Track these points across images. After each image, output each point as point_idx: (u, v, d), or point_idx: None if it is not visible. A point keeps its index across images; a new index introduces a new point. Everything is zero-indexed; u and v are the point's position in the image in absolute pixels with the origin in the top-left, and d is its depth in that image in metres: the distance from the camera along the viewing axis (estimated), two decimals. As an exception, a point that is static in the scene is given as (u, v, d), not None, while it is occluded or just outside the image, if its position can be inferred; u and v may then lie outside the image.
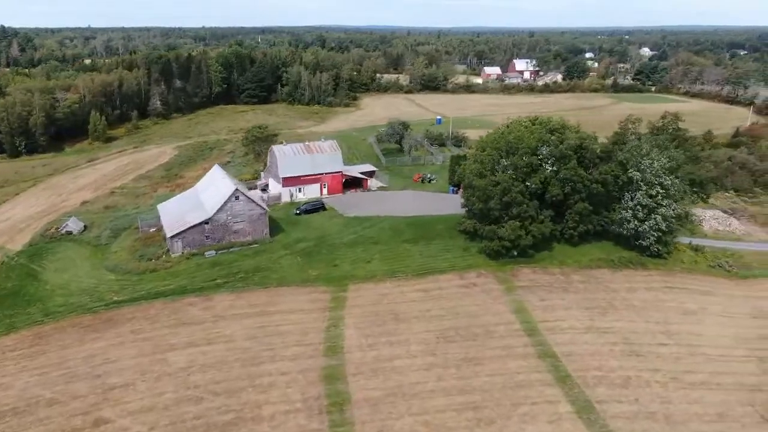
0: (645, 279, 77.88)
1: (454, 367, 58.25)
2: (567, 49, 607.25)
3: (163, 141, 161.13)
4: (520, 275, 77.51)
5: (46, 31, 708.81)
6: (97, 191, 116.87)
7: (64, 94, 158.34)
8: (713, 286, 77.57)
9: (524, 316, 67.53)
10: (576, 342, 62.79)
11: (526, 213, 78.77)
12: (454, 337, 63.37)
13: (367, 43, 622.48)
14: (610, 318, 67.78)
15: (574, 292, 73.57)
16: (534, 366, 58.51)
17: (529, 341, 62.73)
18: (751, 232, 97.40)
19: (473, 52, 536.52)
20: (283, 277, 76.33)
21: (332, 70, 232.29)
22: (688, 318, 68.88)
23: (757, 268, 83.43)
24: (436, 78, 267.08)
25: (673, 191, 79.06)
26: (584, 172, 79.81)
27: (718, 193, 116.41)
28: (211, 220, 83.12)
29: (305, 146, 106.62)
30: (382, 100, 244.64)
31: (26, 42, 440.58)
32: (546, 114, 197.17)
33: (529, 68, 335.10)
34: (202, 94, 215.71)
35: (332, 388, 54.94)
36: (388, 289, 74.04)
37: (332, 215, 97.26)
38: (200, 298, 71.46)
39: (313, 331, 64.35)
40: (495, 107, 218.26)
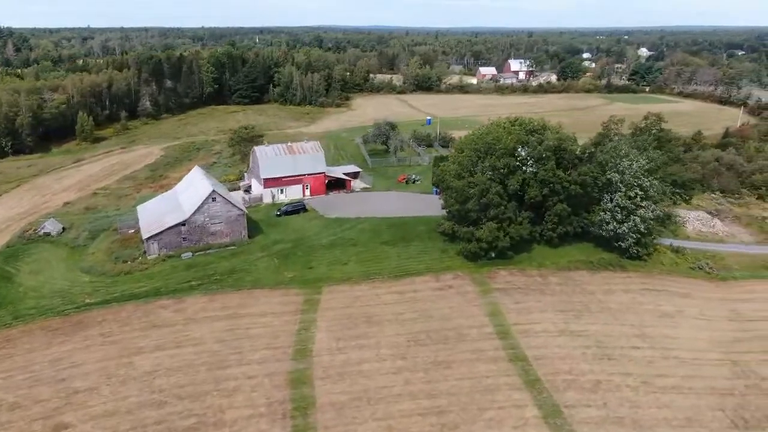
0: (623, 281, 77.28)
1: (422, 370, 57.66)
2: (564, 49, 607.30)
3: (152, 141, 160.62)
4: (497, 277, 76.91)
5: (45, 32, 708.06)
6: (81, 192, 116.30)
7: (52, 95, 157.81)
8: (692, 288, 76.99)
9: (498, 319, 66.94)
10: (548, 345, 62.18)
11: (503, 214, 78.25)
12: (425, 341, 62.78)
13: (364, 44, 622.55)
14: (585, 321, 67.18)
15: (551, 295, 72.97)
16: (504, 370, 57.92)
17: (501, 344, 62.12)
18: (735, 233, 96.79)
19: (470, 52, 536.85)
20: (257, 279, 75.76)
21: (324, 71, 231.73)
22: (663, 321, 68.29)
23: (737, 270, 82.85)
24: (430, 78, 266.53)
25: (652, 193, 78.47)
26: (563, 174, 79.26)
27: (704, 195, 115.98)
28: (187, 221, 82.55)
29: (287, 147, 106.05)
30: (375, 100, 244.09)
31: (21, 42, 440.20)
32: (539, 114, 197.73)
33: (523, 68, 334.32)
34: (194, 94, 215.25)
35: (298, 393, 54.35)
36: (363, 291, 73.46)
37: (313, 216, 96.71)
38: (173, 300, 70.86)
39: (284, 334, 63.78)
40: (487, 108, 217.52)
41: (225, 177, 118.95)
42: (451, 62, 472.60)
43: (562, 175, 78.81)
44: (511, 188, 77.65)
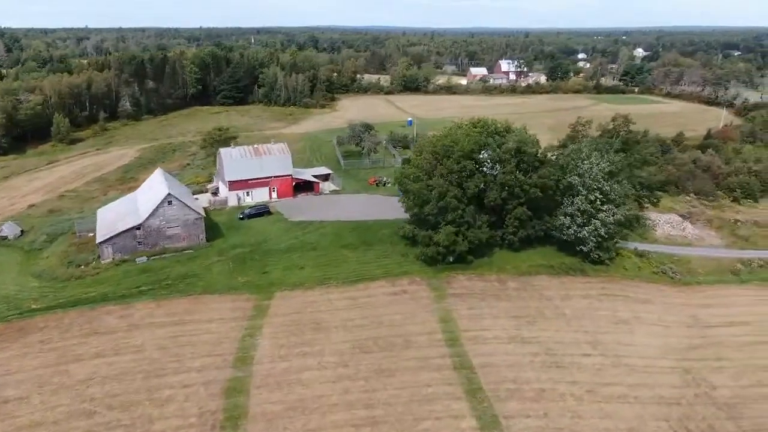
0: (583, 286, 75.96)
1: (363, 379, 56.35)
2: (560, 49, 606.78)
3: (129, 143, 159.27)
4: (454, 282, 75.56)
5: (42, 32, 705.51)
6: (48, 195, 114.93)
7: (28, 96, 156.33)
8: (653, 293, 75.68)
9: (449, 326, 65.60)
10: (496, 353, 60.86)
11: (462, 218, 76.88)
12: (371, 348, 61.45)
13: (359, 44, 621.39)
14: (538, 327, 65.87)
15: (507, 300, 71.65)
16: (446, 378, 56.59)
17: (448, 352, 60.78)
18: (705, 236, 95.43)
19: (465, 52, 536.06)
20: (209, 285, 74.39)
21: (309, 71, 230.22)
22: (619, 327, 66.97)
23: (702, 274, 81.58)
24: (417, 79, 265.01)
25: (613, 196, 77.10)
26: (523, 177, 77.91)
27: (679, 197, 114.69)
28: (142, 225, 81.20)
29: (254, 149, 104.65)
30: (361, 101, 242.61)
31: (13, 42, 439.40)
32: (523, 115, 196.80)
33: (511, 69, 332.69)
34: (177, 95, 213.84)
35: (232, 402, 53.04)
36: (316, 296, 72.12)
37: (276, 220, 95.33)
38: (120, 306, 69.48)
39: (227, 341, 62.43)
40: (472, 109, 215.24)
41: (195, 179, 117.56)
42: (446, 63, 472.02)
43: (522, 178, 77.47)
44: (470, 191, 76.23)
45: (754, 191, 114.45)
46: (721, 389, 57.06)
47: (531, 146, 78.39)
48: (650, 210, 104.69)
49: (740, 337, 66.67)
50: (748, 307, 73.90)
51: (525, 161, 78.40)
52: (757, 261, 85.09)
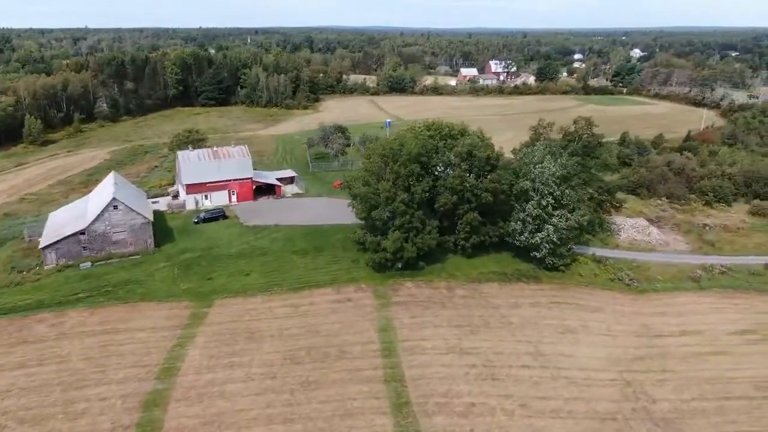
0: (533, 294, 74.03)
1: (288, 392, 54.45)
2: (556, 50, 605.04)
3: (101, 144, 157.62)
4: (401, 290, 73.66)
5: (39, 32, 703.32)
6: (9, 197, 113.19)
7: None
8: (606, 301, 73.73)
9: (387, 335, 63.69)
10: (432, 364, 58.93)
11: (410, 224, 74.98)
12: (302, 359, 59.56)
13: (354, 44, 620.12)
14: (480, 337, 63.94)
15: (452, 308, 69.73)
16: (375, 391, 54.67)
17: (382, 363, 58.87)
18: (670, 241, 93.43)
19: (460, 53, 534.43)
20: (149, 292, 72.53)
21: (292, 72, 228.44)
22: (564, 337, 65.01)
23: (660, 281, 79.60)
24: (404, 80, 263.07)
25: (566, 201, 75.13)
26: (474, 181, 75.99)
27: (650, 200, 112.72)
28: (87, 230, 79.41)
29: (213, 152, 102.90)
30: (345, 102, 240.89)
31: (4, 43, 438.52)
32: (507, 116, 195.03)
33: (500, 69, 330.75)
34: (157, 96, 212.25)
35: (147, 416, 51.16)
36: (256, 304, 70.25)
37: (231, 224, 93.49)
38: (53, 314, 67.64)
39: (156, 351, 60.57)
40: (456, 110, 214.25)
41: (159, 182, 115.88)
42: (440, 63, 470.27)
43: (473, 183, 75.57)
44: (417, 196, 74.32)
45: (727, 195, 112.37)
46: (661, 403, 55.13)
47: (483, 150, 76.35)
48: (617, 214, 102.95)
49: (690, 347, 64.73)
50: (702, 315, 71.91)
51: (475, 165, 76.43)
52: (718, 267, 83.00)
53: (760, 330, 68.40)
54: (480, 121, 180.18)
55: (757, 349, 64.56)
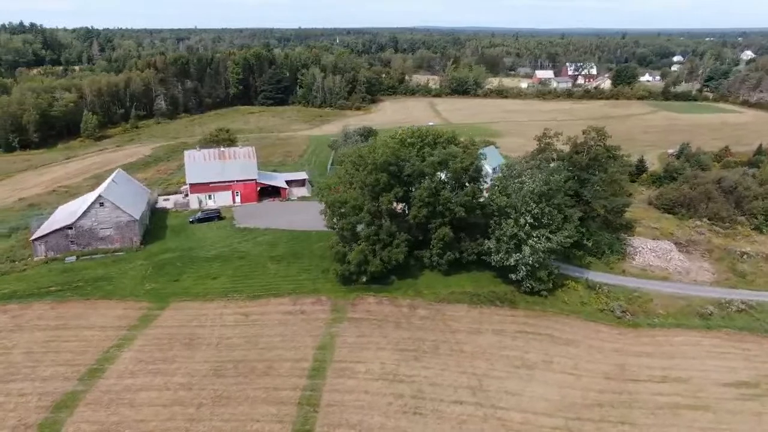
0: (502, 320, 67.63)
1: (196, 406, 52.57)
2: (654, 51, 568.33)
3: (149, 141, 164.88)
4: (361, 305, 69.85)
5: (148, 32, 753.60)
6: (44, 189, 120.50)
7: (62, 94, 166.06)
8: (585, 334, 65.95)
9: (324, 354, 60.27)
10: (356, 390, 54.89)
11: (377, 235, 71.02)
12: (228, 372, 57.54)
13: (437, 45, 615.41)
14: (422, 364, 58.98)
15: (406, 329, 65.06)
16: (282, 414, 51.53)
17: (304, 384, 55.58)
18: (693, 270, 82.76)
19: (546, 54, 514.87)
20: (115, 290, 73.50)
21: (350, 72, 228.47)
22: (517, 372, 58.55)
23: (660, 315, 70.36)
24: (466, 82, 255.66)
25: (546, 221, 67.98)
26: (449, 194, 70.64)
27: (688, 221, 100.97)
28: (74, 225, 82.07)
29: (219, 152, 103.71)
30: (403, 103, 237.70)
31: (106, 42, 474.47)
32: (564, 122, 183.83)
33: (577, 72, 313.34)
34: (216, 94, 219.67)
35: (53, 417, 51.16)
36: (210, 309, 69.17)
37: (223, 225, 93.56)
38: (20, 305, 70.10)
39: (92, 351, 60.87)
40: (511, 114, 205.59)
41: (179, 180, 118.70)
42: (524, 65, 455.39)
43: (447, 195, 70.27)
44: (384, 207, 70.17)
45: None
46: (602, 461, 47.97)
47: (460, 160, 70.71)
48: (639, 235, 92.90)
49: (666, 397, 56.20)
50: (697, 360, 62.43)
51: (452, 176, 71.01)
52: (738, 304, 72.15)
53: (763, 384, 58.32)
54: (526, 126, 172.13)
55: (748, 407, 54.91)
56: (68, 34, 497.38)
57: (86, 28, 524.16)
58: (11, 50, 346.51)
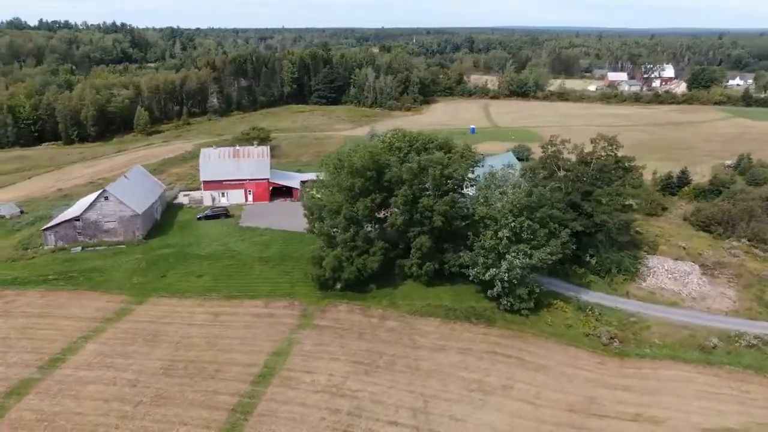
0: (473, 338, 63.78)
1: (134, 404, 52.97)
2: (752, 53, 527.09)
3: (196, 137, 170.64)
4: (331, 312, 68.27)
5: (234, 32, 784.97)
6: (84, 180, 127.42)
7: (120, 91, 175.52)
8: (561, 360, 60.92)
9: (276, 361, 59.24)
10: (294, 402, 53.42)
11: (354, 241, 69.16)
12: (177, 372, 57.77)
13: (513, 45, 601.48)
14: (372, 379, 56.61)
15: (367, 341, 62.82)
16: (212, 420, 50.91)
17: (246, 390, 54.77)
18: (712, 296, 74.88)
19: (627, 55, 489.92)
20: (104, 282, 76.01)
21: (403, 73, 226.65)
22: (471, 396, 54.85)
23: (655, 345, 64.00)
24: (526, 84, 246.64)
25: (526, 236, 63.38)
26: (428, 201, 67.53)
27: (725, 241, 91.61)
28: (81, 217, 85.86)
29: (234, 151, 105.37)
30: (456, 104, 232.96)
31: (188, 41, 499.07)
32: (621, 127, 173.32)
33: (652, 75, 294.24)
34: (271, 93, 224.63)
35: (1, 403, 53.27)
36: (184, 307, 69.98)
37: (227, 224, 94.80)
38: (16, 291, 73.98)
39: (61, 341, 63.04)
40: (566, 118, 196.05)
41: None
42: (603, 67, 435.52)
43: (426, 203, 67.22)
44: (359, 213, 68.12)
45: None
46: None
47: (441, 168, 67.23)
48: (662, 254, 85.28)
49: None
50: (682, 399, 55.95)
51: (432, 183, 67.79)
52: (750, 338, 64.29)
53: None
54: (577, 130, 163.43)
55: (724, 459, 48.57)
56: (156, 33, 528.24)
57: (171, 28, 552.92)
58: (98, 48, 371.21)
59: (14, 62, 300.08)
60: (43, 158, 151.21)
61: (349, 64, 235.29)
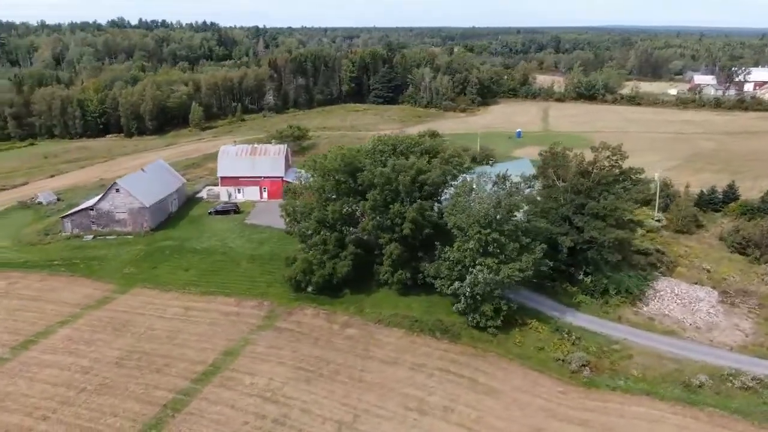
0: (430, 353, 60.80)
1: (78, 390, 55.05)
2: None
3: (245, 133, 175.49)
4: (296, 315, 67.66)
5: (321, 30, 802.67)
6: (128, 171, 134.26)
7: (179, 87, 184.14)
8: (518, 385, 56.71)
9: (225, 360, 59.50)
10: (225, 403, 53.26)
11: (325, 245, 68.12)
12: (129, 362, 59.43)
13: (601, 44, 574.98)
14: (310, 387, 55.42)
15: (321, 348, 61.64)
16: (141, 414, 51.85)
17: (184, 387, 55.37)
18: (720, 327, 67.24)
19: (728, 56, 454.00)
20: (99, 270, 79.62)
21: (462, 73, 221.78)
22: (406, 415, 52.27)
23: (631, 378, 58.12)
24: (594, 86, 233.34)
25: (492, 249, 59.49)
26: (399, 207, 65.15)
27: (761, 266, 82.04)
28: (94, 207, 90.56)
29: (251, 148, 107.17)
30: (516, 107, 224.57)
31: (271, 40, 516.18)
32: (689, 135, 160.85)
33: (743, 78, 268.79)
34: (329, 91, 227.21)
35: (-36, 381, 56.97)
36: (161, 300, 71.89)
37: (234, 220, 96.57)
38: (21, 274, 79.13)
39: (40, 324, 66.60)
40: (631, 123, 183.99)
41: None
42: (699, 69, 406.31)
43: (397, 209, 64.89)
44: (330, 216, 66.89)
45: None
46: None
47: (411, 174, 64.46)
48: (680, 275, 77.67)
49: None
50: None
51: (402, 189, 65.19)
52: (748, 378, 56.85)
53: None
54: (638, 138, 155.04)
55: None
56: (242, 32, 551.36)
57: (256, 27, 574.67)
58: (184, 47, 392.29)
59: (105, 59, 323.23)
60: (101, 149, 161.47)
61: (408, 64, 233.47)
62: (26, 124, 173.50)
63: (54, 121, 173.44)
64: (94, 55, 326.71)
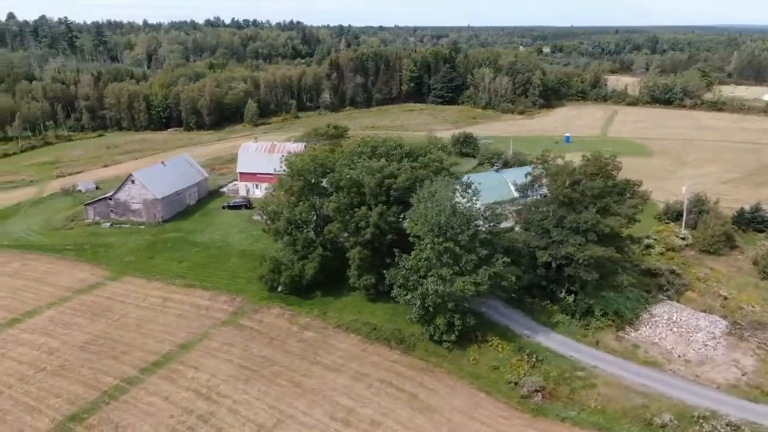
0: (378, 363, 59.00)
1: (37, 370, 58.41)
2: None
3: (294, 130, 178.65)
4: (261, 314, 68.02)
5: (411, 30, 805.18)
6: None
7: (237, 84, 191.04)
8: (458, 404, 53.75)
9: (178, 353, 60.95)
10: (159, 395, 54.59)
11: (294, 245, 68.03)
12: (92, 347, 62.31)
13: (702, 45, 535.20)
14: (246, 387, 55.53)
15: (272, 348, 61.59)
16: (81, 397, 54.27)
17: (129, 375, 57.32)
18: (713, 362, 60.47)
19: None
20: (103, 256, 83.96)
21: (524, 74, 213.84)
22: (331, 424, 51.07)
23: (587, 409, 53.33)
24: (671, 90, 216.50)
25: (445, 260, 56.60)
26: (363, 211, 63.67)
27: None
28: (113, 197, 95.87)
29: (271, 145, 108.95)
30: (580, 110, 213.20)
31: (353, 39, 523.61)
32: (759, 146, 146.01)
33: None
34: (387, 90, 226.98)
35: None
36: (146, 289, 74.68)
37: (243, 215, 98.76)
38: (35, 256, 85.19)
39: (32, 304, 71.20)
40: (702, 131, 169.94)
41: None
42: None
43: (361, 213, 63.49)
44: (299, 216, 66.55)
45: None
46: None
47: (377, 178, 62.57)
48: (689, 300, 70.53)
49: None
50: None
51: (370, 192, 63.58)
52: (723, 423, 50.47)
53: None
54: (703, 147, 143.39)
55: None
56: (326, 30, 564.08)
57: (340, 26, 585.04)
58: (267, 45, 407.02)
59: (190, 57, 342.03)
60: (159, 142, 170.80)
61: (471, 64, 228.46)
62: (99, 116, 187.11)
63: (122, 114, 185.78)
64: (182, 53, 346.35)
